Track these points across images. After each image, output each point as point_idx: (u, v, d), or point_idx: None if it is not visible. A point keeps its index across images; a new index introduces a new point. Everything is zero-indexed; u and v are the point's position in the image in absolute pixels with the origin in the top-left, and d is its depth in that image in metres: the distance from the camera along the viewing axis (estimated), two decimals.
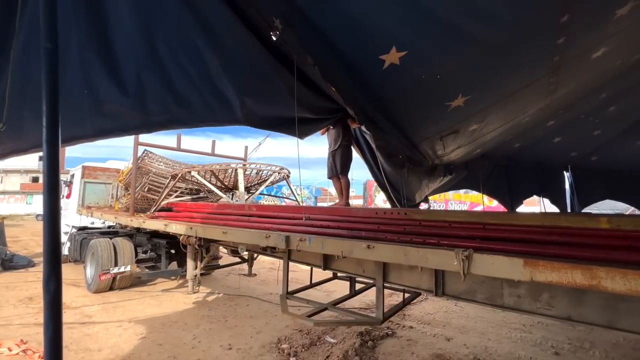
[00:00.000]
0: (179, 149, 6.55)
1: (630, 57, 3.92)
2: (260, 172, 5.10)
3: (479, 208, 15.05)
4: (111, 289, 5.59)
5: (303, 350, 3.54)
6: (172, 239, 5.42)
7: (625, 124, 5.73)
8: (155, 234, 5.74)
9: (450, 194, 19.94)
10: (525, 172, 7.02)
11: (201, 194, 6.15)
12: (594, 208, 7.75)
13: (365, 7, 2.22)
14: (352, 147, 4.66)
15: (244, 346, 3.65)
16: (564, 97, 4.36)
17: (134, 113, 2.47)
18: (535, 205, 12.20)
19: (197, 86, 2.54)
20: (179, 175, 4.73)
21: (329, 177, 4.72)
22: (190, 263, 3.93)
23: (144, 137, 5.84)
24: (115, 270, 5.43)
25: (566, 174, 7.15)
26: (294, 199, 5.30)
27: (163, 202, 5.01)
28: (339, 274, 3.51)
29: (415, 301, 5.21)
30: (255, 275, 4.60)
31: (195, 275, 3.99)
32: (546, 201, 7.44)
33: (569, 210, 7.13)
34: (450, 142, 3.92)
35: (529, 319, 3.91)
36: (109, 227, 7.30)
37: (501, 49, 2.49)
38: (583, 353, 3.38)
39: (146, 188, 6.04)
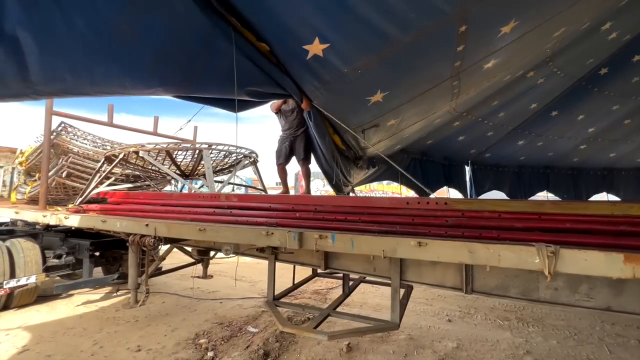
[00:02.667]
0: (110, 124, 5.02)
1: (515, 73, 4.71)
2: (229, 156, 4.10)
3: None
4: (5, 308, 4.21)
5: (222, 343, 3.44)
6: (98, 239, 4.37)
7: (510, 127, 6.84)
8: (73, 232, 4.59)
9: (375, 184, 21.45)
10: (436, 165, 7.92)
11: (139, 183, 4.94)
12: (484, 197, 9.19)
13: None
14: None
15: (156, 346, 3.38)
16: (466, 102, 5.02)
17: (7, 79, 1.98)
18: (444, 194, 13.87)
19: (98, 52, 2.09)
20: (120, 157, 3.59)
21: (280, 163, 4.29)
22: (132, 269, 3.06)
23: (60, 105, 4.34)
24: (13, 283, 4.05)
25: (467, 168, 8.27)
26: (261, 188, 4.33)
27: (92, 192, 3.87)
28: (318, 271, 3.17)
29: (336, 285, 5.51)
30: (212, 277, 3.95)
31: (140, 284, 3.09)
32: (453, 191, 8.50)
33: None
34: (371, 135, 4.17)
35: (432, 293, 4.48)
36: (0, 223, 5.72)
37: (413, 50, 2.73)
38: (469, 318, 4.05)
39: (64, 173, 4.58)
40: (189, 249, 3.67)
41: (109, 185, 4.22)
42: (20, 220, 4.70)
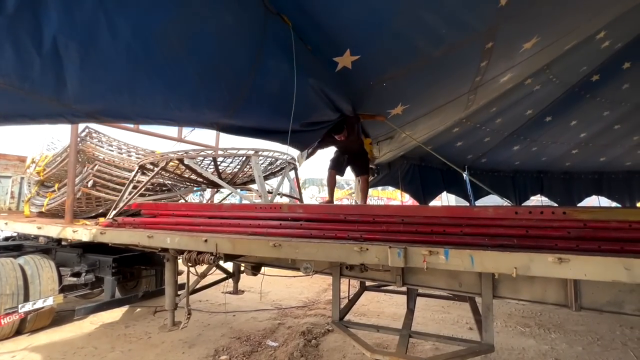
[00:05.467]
0: (137, 130, 4.76)
1: (516, 80, 4.87)
2: (274, 163, 3.77)
3: (395, 203, 16.65)
4: (18, 333, 3.80)
5: (244, 358, 3.38)
6: (120, 254, 4.01)
7: (506, 133, 7.05)
8: (89, 247, 4.17)
9: (370, 190, 21.58)
10: (435, 171, 8.06)
11: (165, 193, 4.56)
12: (481, 202, 9.40)
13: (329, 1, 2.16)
14: None
15: None
16: (472, 111, 5.15)
17: (43, 95, 1.77)
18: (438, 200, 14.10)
19: (143, 66, 1.90)
20: (162, 165, 3.23)
21: (332, 169, 4.20)
22: (170, 287, 2.77)
23: None
24: (28, 307, 3.62)
25: (464, 173, 8.45)
26: (297, 197, 4.06)
27: (122, 203, 3.53)
28: (368, 284, 3.12)
29: (345, 295, 5.51)
30: (243, 292, 3.65)
31: (177, 305, 2.77)
32: (451, 197, 8.64)
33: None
34: (384, 147, 4.21)
35: (448, 302, 4.53)
36: (6, 238, 5.26)
37: (439, 64, 2.78)
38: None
39: (89, 182, 4.22)
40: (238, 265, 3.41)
41: (140, 195, 3.85)
42: (43, 236, 4.23)
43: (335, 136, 3.50)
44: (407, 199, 10.73)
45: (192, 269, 2.52)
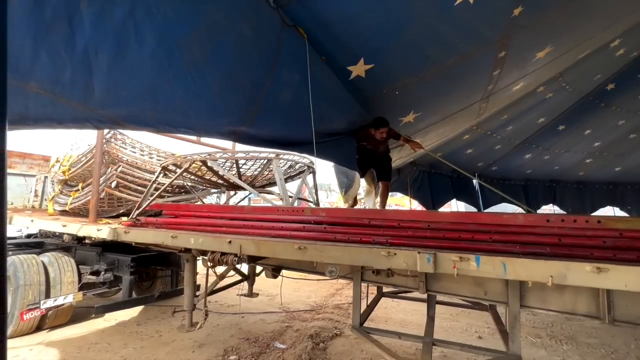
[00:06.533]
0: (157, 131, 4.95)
1: (528, 88, 4.86)
2: (293, 166, 3.78)
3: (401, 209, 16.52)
4: (38, 329, 3.87)
5: (253, 359, 3.42)
6: (137, 254, 4.06)
7: (517, 141, 6.99)
8: (108, 246, 4.27)
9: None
10: (444, 178, 8.02)
11: (183, 195, 4.62)
12: (490, 210, 9.29)
13: (345, 12, 2.22)
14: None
15: None
16: (483, 118, 5.15)
17: (72, 100, 1.87)
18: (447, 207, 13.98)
19: (166, 74, 1.97)
20: (185, 167, 3.32)
21: (362, 173, 4.25)
22: (189, 288, 2.78)
23: None
24: (50, 303, 3.68)
25: (474, 181, 8.38)
26: (313, 200, 4.05)
27: (145, 203, 3.59)
28: (385, 290, 3.08)
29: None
30: (257, 295, 3.66)
31: (195, 305, 2.77)
32: (460, 204, 8.58)
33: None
34: (395, 154, 4.24)
35: (457, 309, 4.51)
36: (28, 235, 5.40)
37: (451, 73, 2.81)
38: (499, 335, 4.01)
39: (113, 183, 4.34)
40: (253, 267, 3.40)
41: (159, 196, 3.85)
42: (67, 234, 4.31)
43: (377, 131, 3.41)
44: (416, 206, 10.67)
45: (211, 270, 2.54)
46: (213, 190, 4.55)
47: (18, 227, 5.38)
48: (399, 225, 1.96)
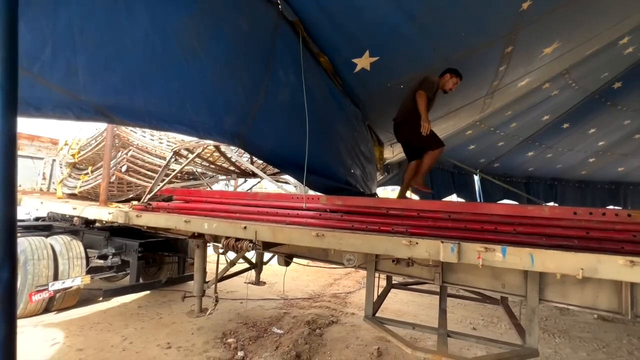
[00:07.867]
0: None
1: (533, 84, 4.81)
2: None
3: None
4: (46, 311, 3.91)
5: (250, 343, 3.50)
6: (145, 239, 4.07)
7: (521, 138, 6.96)
8: (116, 230, 4.28)
9: (379, 190, 21.54)
10: (445, 173, 8.02)
11: (192, 181, 4.65)
12: None
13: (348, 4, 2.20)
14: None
15: (185, 344, 3.42)
16: (486, 114, 5.12)
17: (52, 83, 1.54)
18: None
19: (159, 61, 1.76)
20: (198, 152, 3.26)
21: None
22: (199, 274, 2.75)
23: None
24: (58, 285, 3.72)
25: (475, 177, 8.38)
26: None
27: (156, 188, 3.63)
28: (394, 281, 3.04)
29: (354, 289, 5.60)
30: (265, 283, 3.69)
31: (205, 291, 2.77)
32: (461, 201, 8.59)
33: None
34: (398, 149, 4.24)
35: (453, 301, 4.57)
36: (37, 218, 5.38)
37: (457, 67, 2.80)
38: (493, 327, 4.15)
39: (123, 167, 4.33)
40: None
41: (168, 182, 3.94)
42: (78, 217, 4.26)
43: (451, 79, 2.84)
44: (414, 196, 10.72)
45: (221, 257, 2.56)
46: (221, 178, 4.57)
47: (26, 210, 5.43)
48: (418, 215, 1.93)
